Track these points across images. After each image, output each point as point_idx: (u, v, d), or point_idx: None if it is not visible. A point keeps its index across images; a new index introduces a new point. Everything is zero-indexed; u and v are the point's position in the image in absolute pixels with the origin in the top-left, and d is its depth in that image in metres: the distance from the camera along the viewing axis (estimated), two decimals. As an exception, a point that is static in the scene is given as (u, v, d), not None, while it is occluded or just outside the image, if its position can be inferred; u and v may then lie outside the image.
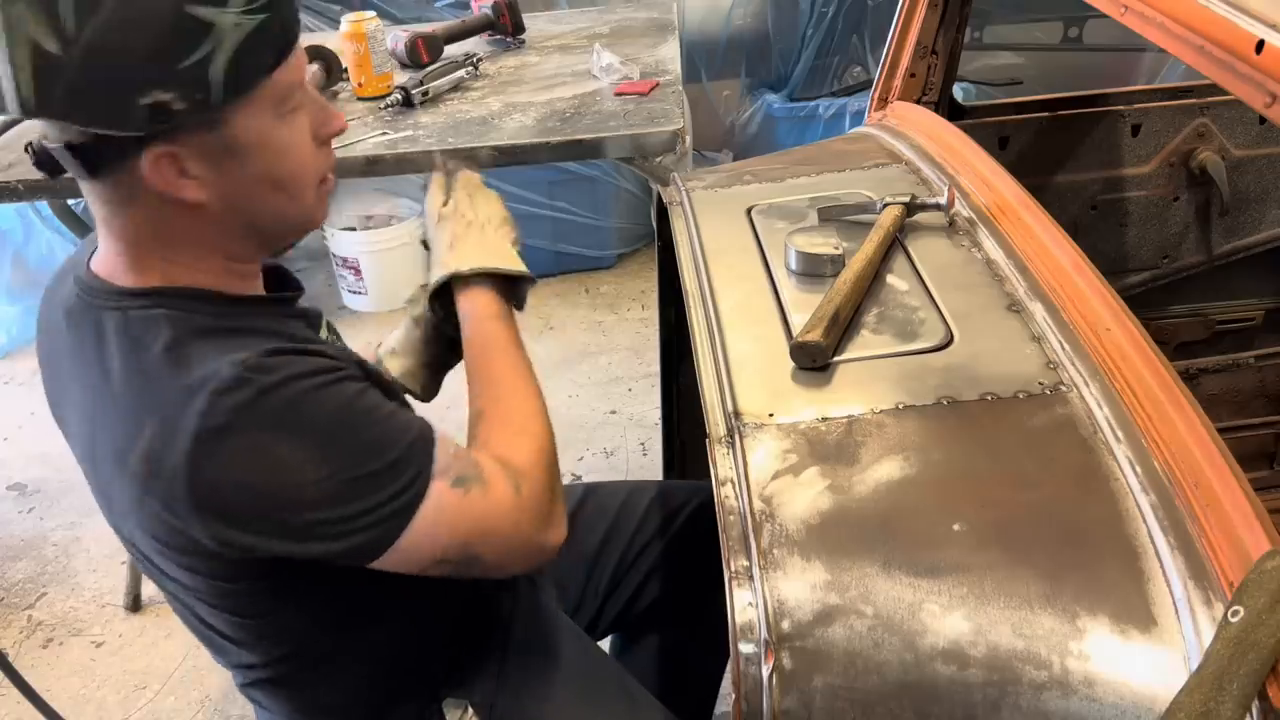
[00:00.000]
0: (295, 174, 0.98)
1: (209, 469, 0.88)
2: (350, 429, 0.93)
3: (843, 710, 0.82)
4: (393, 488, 0.94)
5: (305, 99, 0.98)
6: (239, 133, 0.92)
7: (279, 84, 0.92)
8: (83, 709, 2.24)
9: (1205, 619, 0.80)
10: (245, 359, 0.90)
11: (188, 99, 0.85)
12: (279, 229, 1.04)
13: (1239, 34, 0.93)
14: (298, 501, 0.91)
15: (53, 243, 3.53)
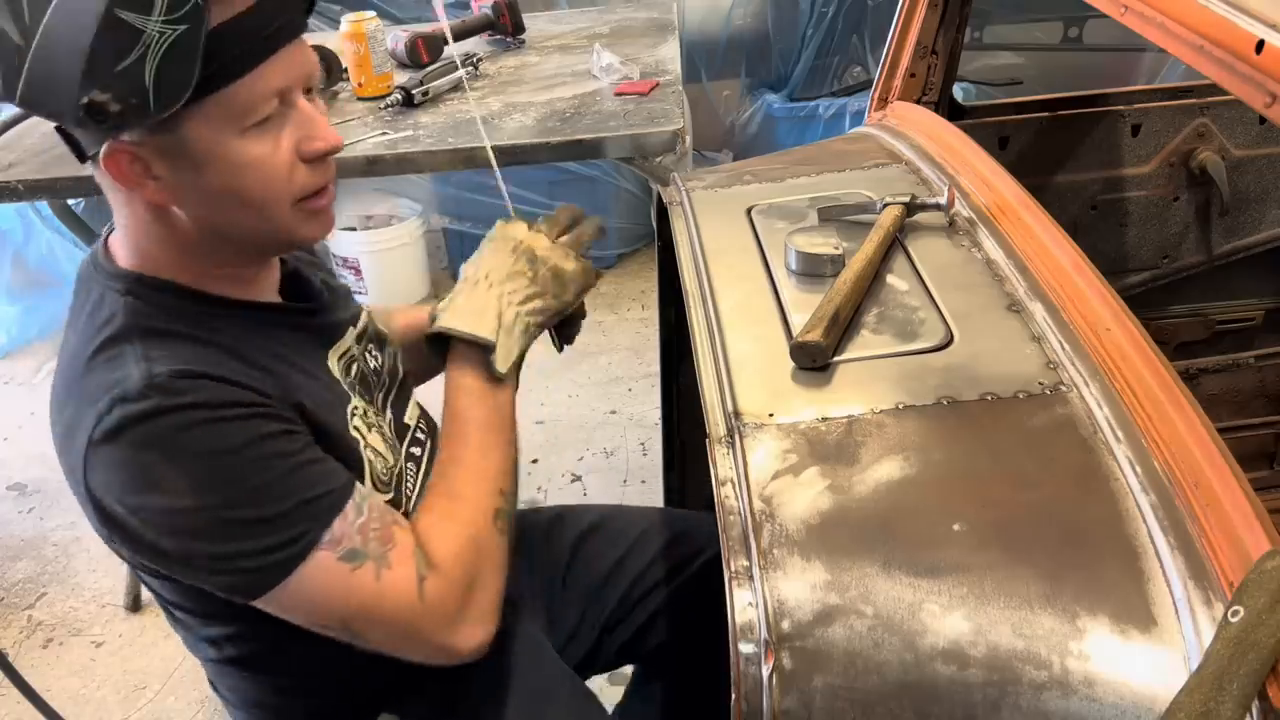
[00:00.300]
0: (259, 191, 0.96)
1: (97, 473, 0.91)
2: (238, 470, 0.91)
3: (843, 710, 0.82)
4: (269, 540, 0.91)
5: (287, 113, 0.95)
6: (191, 142, 0.91)
7: (236, 98, 0.90)
8: (83, 709, 2.24)
9: (1205, 619, 0.80)
10: (155, 374, 0.90)
11: (123, 102, 0.84)
12: (249, 242, 1.02)
13: (1239, 34, 0.93)
14: (171, 526, 0.91)
15: (53, 243, 3.53)
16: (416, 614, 0.96)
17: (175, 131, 0.90)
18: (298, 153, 0.97)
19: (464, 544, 1.00)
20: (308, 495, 0.93)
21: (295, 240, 1.03)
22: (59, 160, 1.93)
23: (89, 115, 0.84)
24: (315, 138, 0.97)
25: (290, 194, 0.98)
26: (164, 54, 0.84)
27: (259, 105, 0.92)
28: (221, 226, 0.98)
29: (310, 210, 1.01)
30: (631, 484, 2.74)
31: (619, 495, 2.70)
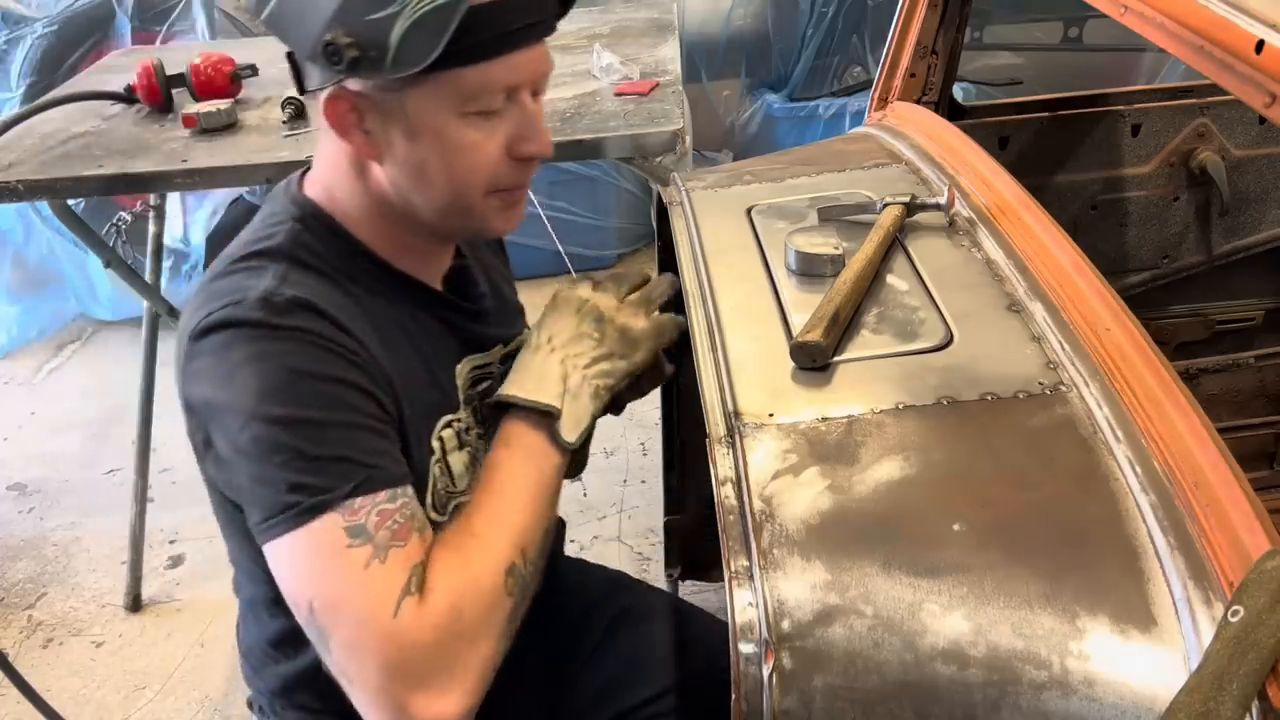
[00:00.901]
0: (462, 175, 0.97)
1: (191, 361, 0.94)
2: (307, 396, 0.90)
3: (843, 710, 0.82)
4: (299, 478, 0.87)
5: (510, 109, 0.96)
6: (414, 110, 0.93)
7: (468, 81, 0.92)
8: (83, 709, 2.24)
9: (1205, 619, 0.80)
10: (277, 293, 0.93)
11: (362, 50, 0.87)
12: (437, 221, 1.02)
13: (1239, 34, 0.93)
14: (229, 427, 0.91)
15: (53, 243, 3.53)
16: (381, 629, 0.85)
17: (398, 95, 0.92)
18: (508, 149, 0.98)
19: (463, 586, 0.90)
20: (354, 456, 0.90)
21: (484, 228, 1.04)
22: (59, 160, 1.93)
23: (324, 53, 0.88)
24: (530, 140, 0.98)
25: (490, 184, 0.99)
26: (418, 19, 0.86)
27: (487, 95, 0.94)
28: (414, 196, 0.99)
29: (504, 202, 1.02)
30: (631, 484, 2.74)
31: (619, 495, 2.71)
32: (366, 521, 0.87)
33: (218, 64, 2.08)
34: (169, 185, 2.12)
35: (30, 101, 2.71)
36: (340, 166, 1.01)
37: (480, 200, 1.00)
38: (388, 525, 0.88)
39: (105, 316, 3.63)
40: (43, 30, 3.33)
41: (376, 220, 1.02)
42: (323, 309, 0.94)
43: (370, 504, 0.88)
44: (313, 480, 0.88)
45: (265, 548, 0.90)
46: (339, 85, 0.93)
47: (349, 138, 0.96)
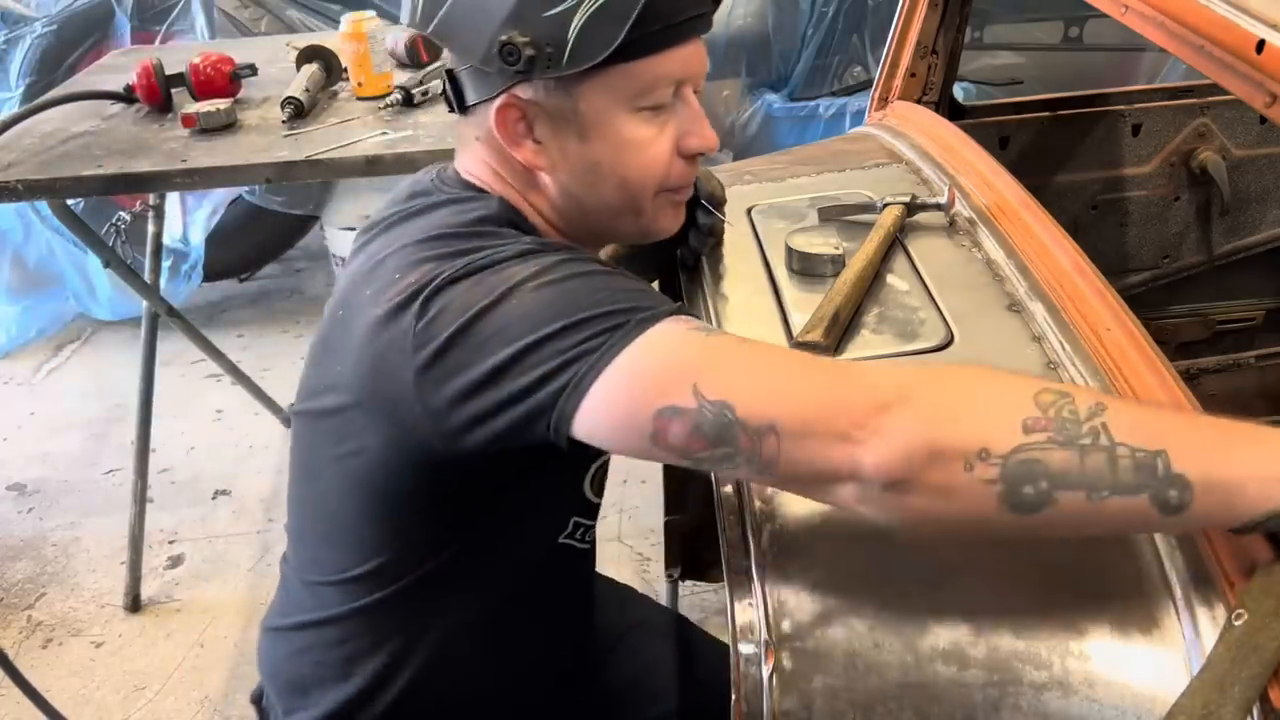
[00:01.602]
0: (634, 172, 0.97)
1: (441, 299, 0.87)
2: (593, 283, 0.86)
3: (843, 711, 0.82)
4: (616, 306, 0.82)
5: (677, 105, 0.97)
6: (587, 108, 0.93)
7: (641, 75, 0.92)
8: (82, 709, 2.24)
9: (1206, 620, 0.80)
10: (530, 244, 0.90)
11: (538, 48, 0.88)
12: (608, 225, 1.03)
13: (1239, 34, 0.93)
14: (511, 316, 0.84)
15: (52, 243, 3.53)
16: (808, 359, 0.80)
17: (570, 94, 0.92)
18: (677, 146, 0.98)
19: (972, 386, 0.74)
20: (644, 289, 0.87)
21: (653, 228, 1.04)
22: (58, 160, 1.93)
23: (500, 54, 0.88)
24: (696, 135, 0.99)
25: (661, 183, 0.99)
26: (596, 10, 0.87)
27: (658, 88, 0.94)
28: (586, 200, 0.99)
29: (672, 201, 1.03)
30: (631, 484, 2.74)
31: (619, 495, 2.70)
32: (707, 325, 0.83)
33: (217, 64, 2.08)
34: (168, 185, 2.12)
35: (29, 101, 2.71)
36: (505, 173, 1.00)
37: (651, 200, 1.00)
38: (702, 328, 0.83)
39: (105, 316, 3.63)
40: (42, 30, 3.33)
41: (542, 225, 1.02)
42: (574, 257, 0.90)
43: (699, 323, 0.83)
44: (630, 305, 0.82)
45: (597, 387, 0.79)
46: (510, 94, 0.93)
47: (518, 148, 0.96)
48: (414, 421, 0.89)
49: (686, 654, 1.37)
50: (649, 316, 0.81)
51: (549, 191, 1.00)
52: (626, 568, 2.49)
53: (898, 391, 0.72)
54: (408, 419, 0.90)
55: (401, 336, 0.88)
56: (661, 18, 0.90)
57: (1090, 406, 0.71)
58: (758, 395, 0.76)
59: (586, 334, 0.81)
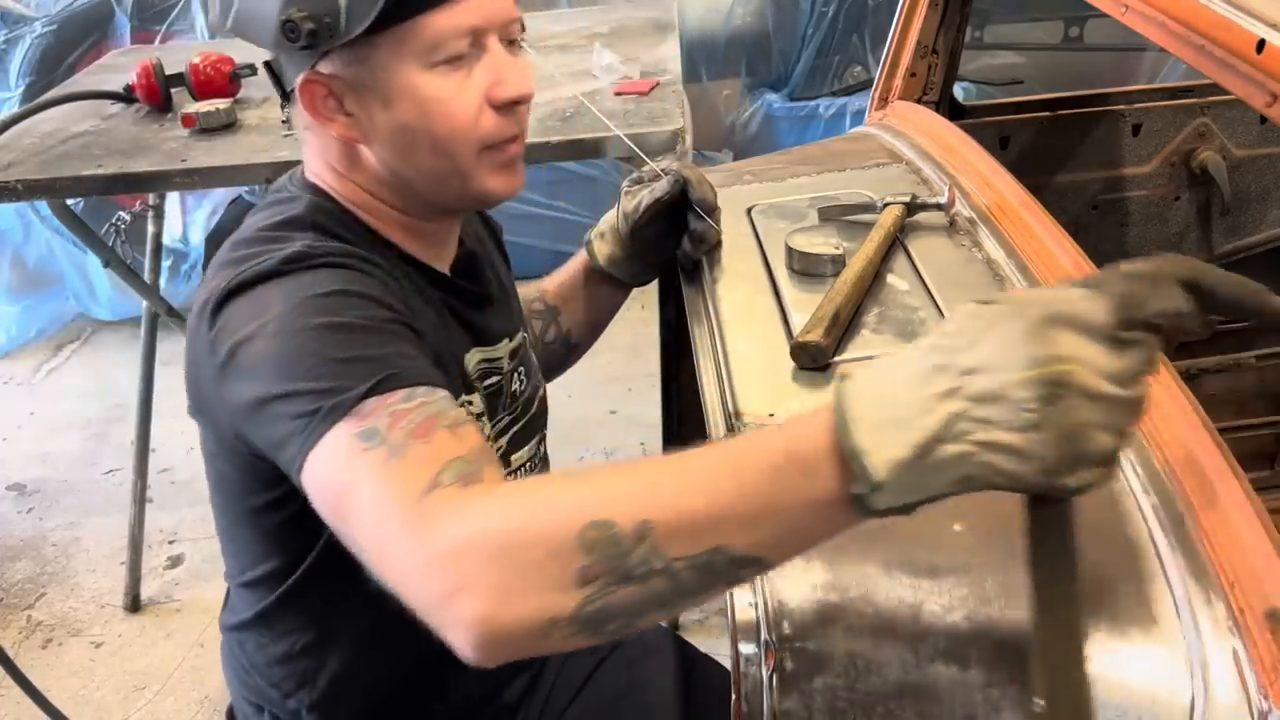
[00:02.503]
0: (444, 131, 0.95)
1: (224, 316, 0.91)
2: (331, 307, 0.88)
3: (843, 710, 0.82)
4: (319, 385, 0.82)
5: (480, 55, 0.96)
6: (383, 73, 0.93)
7: (427, 30, 0.91)
8: (82, 709, 2.24)
9: (1205, 619, 0.80)
10: (308, 248, 0.92)
11: (317, 21, 0.89)
12: (437, 193, 1.01)
13: (1239, 33, 0.93)
14: (253, 355, 0.87)
15: (52, 243, 3.53)
16: (404, 511, 0.73)
17: (366, 63, 0.93)
18: (487, 97, 0.96)
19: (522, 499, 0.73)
20: (369, 354, 0.85)
21: (481, 191, 1.01)
22: (58, 160, 1.93)
23: (284, 34, 0.90)
24: (505, 83, 0.97)
25: (477, 138, 0.97)
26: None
27: (448, 41, 0.93)
28: (405, 169, 0.98)
29: (498, 161, 1.00)
30: (631, 484, 2.74)
31: (619, 495, 2.70)
32: (378, 425, 0.79)
33: (217, 63, 2.08)
34: (168, 185, 2.12)
35: (29, 101, 2.71)
36: (331, 159, 1.01)
37: (473, 160, 0.98)
38: (402, 425, 0.79)
39: (104, 316, 3.63)
40: (42, 30, 3.33)
41: (377, 207, 1.02)
42: (353, 262, 0.93)
43: (381, 406, 0.81)
44: (327, 386, 0.82)
45: (302, 474, 0.83)
46: (311, 70, 0.94)
47: (331, 124, 0.96)
48: (225, 422, 0.94)
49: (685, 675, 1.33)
50: (337, 406, 0.81)
51: (372, 166, 1.00)
52: (626, 568, 2.49)
53: (456, 576, 0.69)
54: (221, 419, 0.94)
55: (204, 342, 0.92)
56: None
57: (635, 528, 0.67)
58: (371, 553, 0.77)
59: (297, 409, 0.83)
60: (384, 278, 0.96)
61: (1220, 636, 0.80)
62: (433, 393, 0.84)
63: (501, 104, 0.97)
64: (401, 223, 1.03)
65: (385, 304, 0.91)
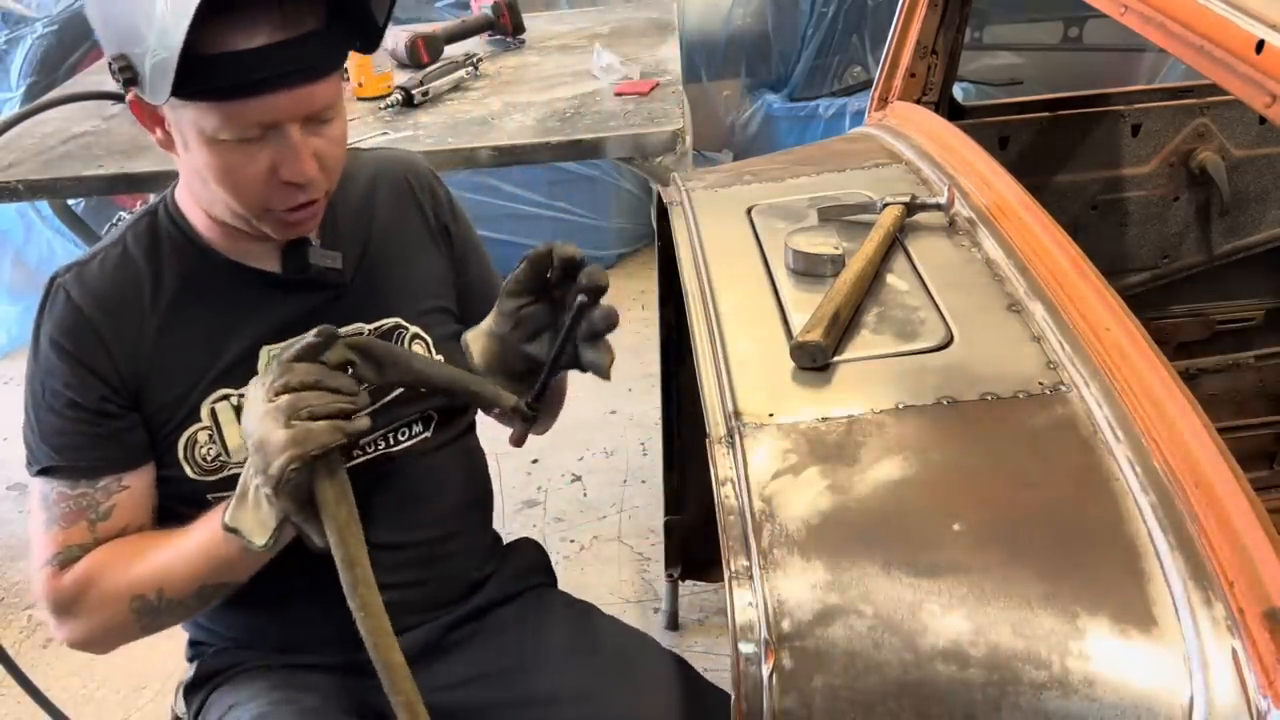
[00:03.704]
0: (229, 191, 1.06)
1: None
2: (36, 387, 1.15)
3: (843, 710, 0.82)
4: (30, 440, 1.17)
5: (273, 138, 1.02)
6: (179, 124, 1.03)
7: (213, 117, 1.00)
8: (83, 709, 2.24)
9: (1205, 619, 0.80)
10: (77, 284, 1.14)
11: (133, 72, 1.00)
12: (229, 220, 1.11)
13: (1239, 34, 0.93)
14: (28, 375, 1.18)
15: (53, 243, 3.53)
16: (34, 572, 1.19)
17: (172, 109, 1.03)
18: (274, 172, 1.04)
19: (92, 584, 1.14)
20: (49, 444, 1.14)
21: (264, 235, 1.12)
22: (59, 160, 1.93)
23: (113, 69, 1.02)
24: (289, 167, 1.04)
25: (260, 204, 1.07)
26: (155, 63, 0.97)
27: (234, 130, 1.01)
28: (200, 195, 1.11)
29: (282, 220, 1.10)
30: (631, 484, 2.74)
31: (619, 495, 2.71)
32: (50, 495, 1.15)
33: (218, 64, 2.07)
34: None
35: (30, 101, 2.71)
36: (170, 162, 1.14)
37: (258, 214, 1.08)
38: (60, 506, 1.14)
39: (105, 316, 3.62)
40: (43, 30, 3.33)
41: (197, 209, 1.15)
42: (81, 304, 1.13)
43: (54, 485, 1.14)
44: (31, 451, 1.16)
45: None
46: (133, 90, 1.04)
47: (152, 132, 1.08)
48: None
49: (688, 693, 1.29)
50: (35, 467, 1.17)
51: (184, 174, 1.13)
52: (627, 568, 2.49)
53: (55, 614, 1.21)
54: None
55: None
56: (226, 74, 0.97)
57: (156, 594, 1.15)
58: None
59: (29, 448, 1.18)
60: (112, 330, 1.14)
61: (1220, 636, 0.80)
62: (97, 484, 1.14)
63: (283, 182, 1.05)
64: (218, 228, 1.15)
65: (70, 400, 1.13)
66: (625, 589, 2.41)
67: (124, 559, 1.13)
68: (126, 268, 1.16)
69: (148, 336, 1.14)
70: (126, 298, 1.15)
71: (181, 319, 1.15)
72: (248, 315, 1.17)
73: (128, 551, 1.14)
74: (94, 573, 1.14)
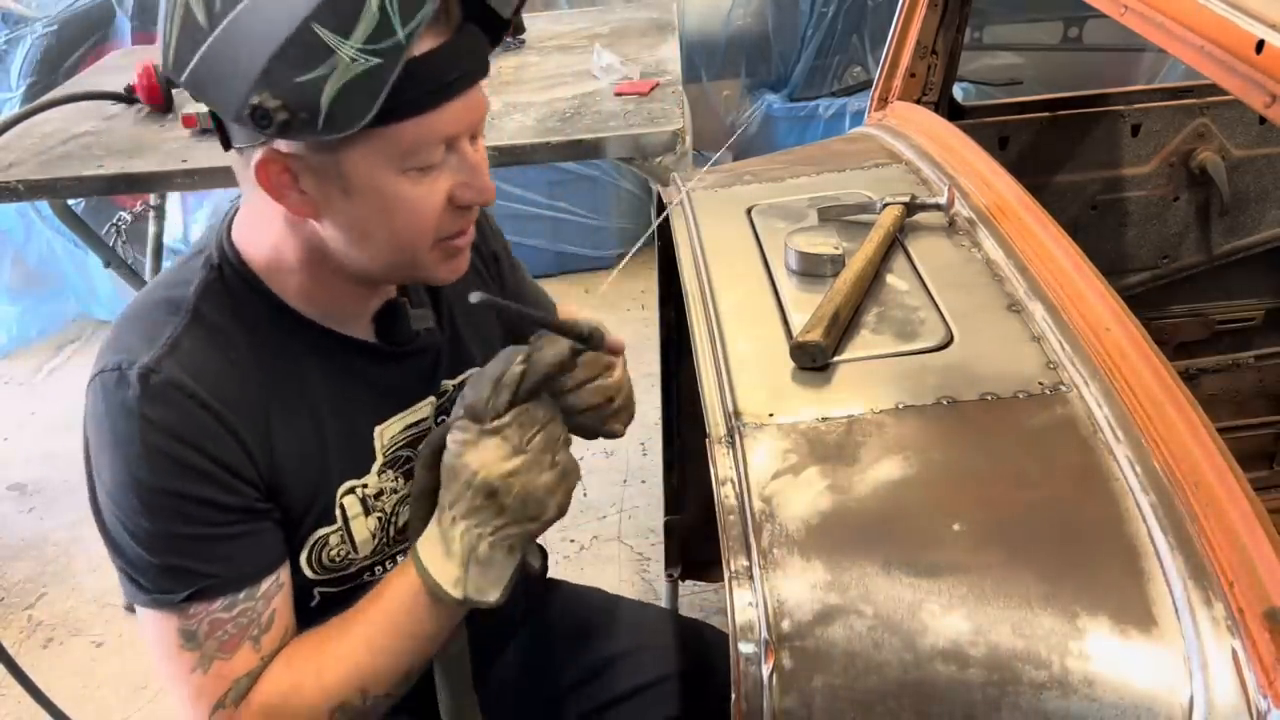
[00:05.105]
0: (404, 229, 0.93)
1: (88, 397, 0.96)
2: (149, 503, 0.92)
3: (842, 710, 0.82)
4: (137, 570, 0.94)
5: (450, 159, 0.93)
6: (351, 169, 0.88)
7: (405, 138, 0.87)
8: (83, 709, 2.24)
9: (1205, 619, 0.80)
10: (159, 371, 0.92)
11: (291, 113, 0.82)
12: (380, 275, 1.00)
13: (1239, 34, 0.93)
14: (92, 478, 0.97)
15: (53, 243, 3.53)
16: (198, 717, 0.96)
17: (334, 154, 0.87)
18: (450, 198, 0.94)
19: (282, 712, 0.97)
20: (192, 566, 0.93)
21: (428, 278, 1.01)
22: (59, 160, 1.93)
23: (252, 116, 0.82)
24: (473, 188, 0.95)
25: (434, 235, 0.96)
26: (350, 81, 0.81)
27: (427, 150, 0.90)
28: (355, 253, 0.95)
29: (449, 251, 0.99)
30: (632, 484, 2.74)
31: (619, 495, 2.71)
32: (199, 628, 0.94)
33: (218, 64, 2.08)
34: (169, 185, 2.12)
35: (30, 101, 2.71)
36: (269, 220, 0.96)
37: (426, 252, 0.97)
38: (217, 635, 0.95)
39: (105, 316, 3.63)
40: (43, 30, 3.33)
41: (304, 273, 0.98)
42: (196, 393, 0.93)
43: (204, 611, 0.94)
44: (155, 581, 0.94)
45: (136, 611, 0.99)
46: (269, 147, 0.87)
47: (284, 200, 0.91)
48: None
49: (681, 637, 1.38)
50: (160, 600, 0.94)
51: (312, 238, 0.95)
52: (626, 568, 2.49)
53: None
54: None
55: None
56: (426, 79, 0.86)
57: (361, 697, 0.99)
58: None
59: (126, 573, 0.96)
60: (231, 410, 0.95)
61: (1220, 636, 0.80)
62: (255, 592, 0.97)
63: (462, 205, 0.96)
64: (324, 291, 1.00)
65: (197, 497, 0.93)
66: (625, 589, 2.41)
67: (311, 674, 0.98)
68: (223, 345, 0.97)
69: (266, 420, 0.98)
70: (236, 378, 0.97)
71: (289, 398, 1.00)
72: (353, 391, 1.05)
73: (311, 664, 0.98)
74: (281, 699, 0.97)
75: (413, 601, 0.98)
